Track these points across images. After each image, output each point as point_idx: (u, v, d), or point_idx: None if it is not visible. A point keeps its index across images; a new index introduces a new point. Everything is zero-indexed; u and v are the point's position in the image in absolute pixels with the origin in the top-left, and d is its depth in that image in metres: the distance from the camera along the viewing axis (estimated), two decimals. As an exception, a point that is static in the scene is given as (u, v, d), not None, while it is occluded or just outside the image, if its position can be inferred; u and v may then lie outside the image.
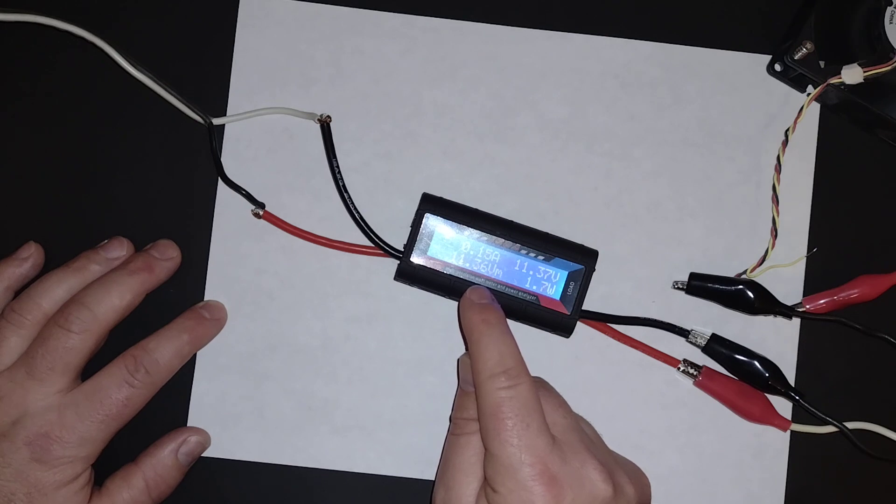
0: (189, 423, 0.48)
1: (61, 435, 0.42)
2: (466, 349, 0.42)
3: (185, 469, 0.46)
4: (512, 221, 0.46)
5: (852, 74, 0.46)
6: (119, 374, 0.43)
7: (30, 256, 0.46)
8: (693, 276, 0.47)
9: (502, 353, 0.40)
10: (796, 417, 0.48)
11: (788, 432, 0.48)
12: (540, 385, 0.42)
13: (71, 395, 0.43)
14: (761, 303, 0.47)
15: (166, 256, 0.46)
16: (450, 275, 0.46)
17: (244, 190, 0.47)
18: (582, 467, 0.39)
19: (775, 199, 0.47)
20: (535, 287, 0.46)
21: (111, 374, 0.44)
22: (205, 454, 0.47)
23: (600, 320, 0.47)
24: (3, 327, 0.44)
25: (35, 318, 0.44)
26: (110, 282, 0.44)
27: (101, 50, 0.46)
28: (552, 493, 0.38)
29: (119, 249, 0.46)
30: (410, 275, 0.46)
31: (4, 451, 0.42)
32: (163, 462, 0.45)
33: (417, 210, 0.46)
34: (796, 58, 0.47)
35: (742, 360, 0.47)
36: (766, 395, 0.47)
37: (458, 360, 0.44)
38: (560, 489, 0.38)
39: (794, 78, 0.48)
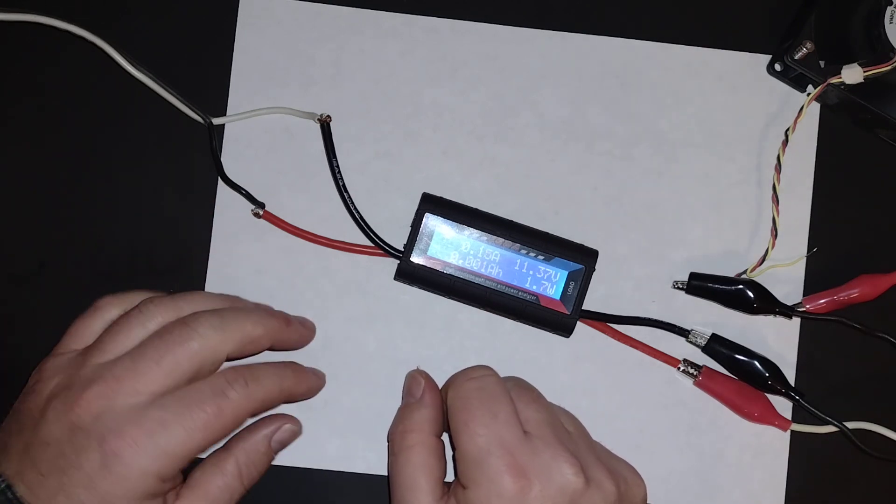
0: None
1: (136, 439, 0.37)
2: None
3: (274, 457, 0.43)
4: (512, 221, 0.46)
5: (852, 74, 0.46)
6: (217, 382, 0.40)
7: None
8: (693, 275, 0.47)
9: (472, 368, 0.42)
10: (796, 417, 0.48)
11: (788, 432, 0.48)
12: (515, 383, 0.42)
13: (161, 398, 0.38)
14: (761, 303, 0.47)
15: (306, 326, 0.46)
16: (450, 274, 0.46)
17: (244, 190, 0.47)
18: (553, 460, 0.39)
19: (775, 199, 0.47)
20: (535, 287, 0.46)
21: (209, 381, 0.40)
22: (205, 455, 0.47)
23: (600, 320, 0.47)
24: (132, 317, 0.40)
25: (167, 320, 0.41)
26: (251, 311, 0.43)
27: (101, 50, 0.46)
28: (519, 485, 0.38)
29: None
30: (410, 275, 0.46)
31: (79, 448, 0.37)
32: (256, 448, 0.42)
33: (417, 210, 0.46)
34: (796, 58, 0.47)
35: (742, 360, 0.47)
36: (766, 395, 0.47)
37: (408, 375, 0.44)
38: (528, 481, 0.38)
39: (794, 78, 0.48)
